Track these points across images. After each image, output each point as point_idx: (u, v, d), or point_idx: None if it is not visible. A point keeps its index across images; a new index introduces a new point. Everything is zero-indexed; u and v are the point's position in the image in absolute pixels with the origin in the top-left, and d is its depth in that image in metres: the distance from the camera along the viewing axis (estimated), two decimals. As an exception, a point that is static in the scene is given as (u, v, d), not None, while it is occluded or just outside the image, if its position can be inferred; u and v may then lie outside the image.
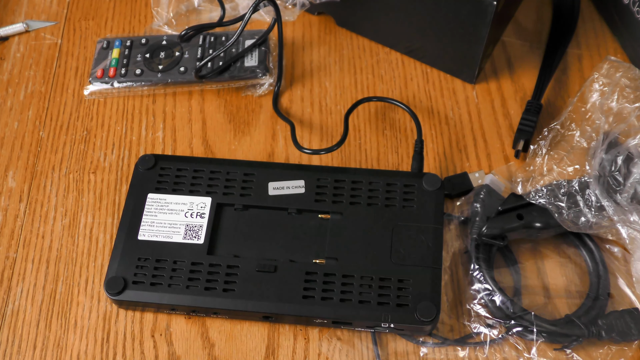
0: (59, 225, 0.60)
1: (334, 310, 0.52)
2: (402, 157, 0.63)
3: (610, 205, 0.54)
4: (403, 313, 0.51)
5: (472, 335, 0.53)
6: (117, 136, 0.65)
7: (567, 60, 0.68)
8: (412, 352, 0.53)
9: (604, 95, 0.60)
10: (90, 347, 0.54)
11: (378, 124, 0.65)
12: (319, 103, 0.67)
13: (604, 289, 0.54)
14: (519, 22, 0.71)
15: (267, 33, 0.68)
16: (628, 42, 0.67)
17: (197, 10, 0.73)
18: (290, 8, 0.70)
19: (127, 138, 0.65)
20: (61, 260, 0.58)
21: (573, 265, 0.56)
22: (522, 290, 0.55)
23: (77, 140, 0.65)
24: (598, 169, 0.56)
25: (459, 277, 0.56)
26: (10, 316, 0.56)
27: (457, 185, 0.59)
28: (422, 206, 0.56)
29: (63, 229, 0.60)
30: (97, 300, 0.56)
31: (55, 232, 0.60)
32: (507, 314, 0.52)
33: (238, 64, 0.67)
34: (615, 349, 0.51)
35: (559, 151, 0.59)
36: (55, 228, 0.60)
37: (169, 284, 0.53)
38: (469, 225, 0.57)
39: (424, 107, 0.66)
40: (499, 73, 0.68)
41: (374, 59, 0.70)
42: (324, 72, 0.69)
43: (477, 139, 0.64)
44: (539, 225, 0.55)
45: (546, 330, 0.51)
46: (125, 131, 0.65)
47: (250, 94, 0.67)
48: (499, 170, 0.60)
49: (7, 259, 0.58)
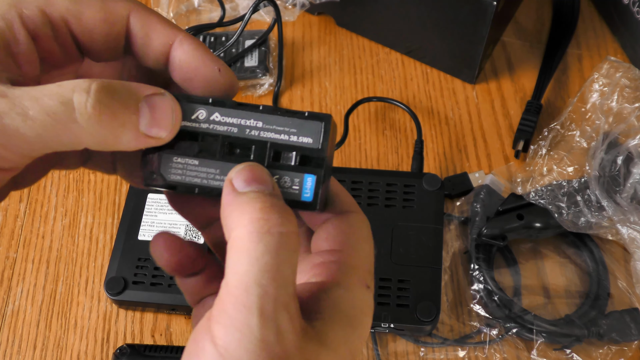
0: (59, 225, 0.60)
1: (334, 310, 0.52)
2: (402, 157, 0.63)
3: (610, 205, 0.54)
4: (403, 313, 0.51)
5: (472, 335, 0.53)
6: (117, 136, 0.65)
7: (567, 60, 0.68)
8: (412, 352, 0.53)
9: (604, 95, 0.60)
10: (90, 347, 0.54)
11: (378, 124, 0.65)
12: (319, 103, 0.67)
13: (604, 289, 0.54)
14: (519, 22, 0.71)
15: (267, 33, 0.68)
16: (628, 42, 0.67)
17: (197, 11, 0.73)
18: (290, 8, 0.70)
19: (127, 138, 0.65)
20: (61, 260, 0.58)
21: (573, 265, 0.56)
22: (522, 290, 0.55)
23: (77, 140, 0.65)
24: (598, 169, 0.56)
25: (459, 277, 0.56)
26: (10, 316, 0.56)
27: (457, 185, 0.59)
28: (422, 206, 0.56)
29: (63, 229, 0.60)
30: (97, 300, 0.56)
31: (55, 232, 0.60)
32: (507, 314, 0.52)
33: (238, 64, 0.67)
34: (615, 349, 0.51)
35: (559, 151, 0.59)
36: (55, 228, 0.60)
37: (169, 284, 0.53)
38: (469, 225, 0.57)
39: (424, 107, 0.66)
40: (499, 73, 0.68)
41: (374, 59, 0.70)
42: (324, 72, 0.69)
43: (477, 139, 0.64)
44: (539, 225, 0.55)
45: (546, 331, 0.51)
46: (126, 131, 0.65)
47: (250, 94, 0.67)
48: (499, 171, 0.60)
49: (7, 259, 0.58)
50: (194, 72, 0.30)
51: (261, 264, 0.25)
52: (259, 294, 0.24)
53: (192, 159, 0.29)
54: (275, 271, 0.25)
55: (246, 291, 0.24)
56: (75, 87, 0.26)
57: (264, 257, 0.25)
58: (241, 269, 0.25)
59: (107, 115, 0.26)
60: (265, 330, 0.24)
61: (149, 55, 0.30)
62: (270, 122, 0.29)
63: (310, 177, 0.29)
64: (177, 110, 0.28)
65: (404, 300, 0.52)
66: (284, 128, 0.29)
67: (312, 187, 0.29)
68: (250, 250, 0.25)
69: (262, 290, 0.24)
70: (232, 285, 0.25)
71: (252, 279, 0.25)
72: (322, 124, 0.29)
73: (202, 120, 0.29)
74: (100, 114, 0.26)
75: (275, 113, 0.29)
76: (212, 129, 0.29)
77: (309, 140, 0.29)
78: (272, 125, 0.29)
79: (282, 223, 0.26)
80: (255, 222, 0.25)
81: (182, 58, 0.29)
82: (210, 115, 0.29)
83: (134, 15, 0.29)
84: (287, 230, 0.26)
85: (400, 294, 0.52)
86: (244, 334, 0.24)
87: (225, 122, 0.29)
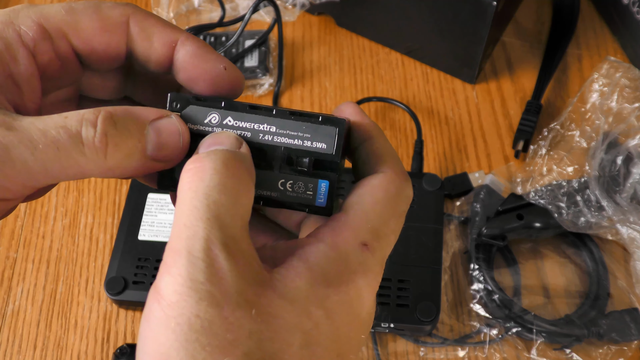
0: (59, 225, 0.60)
1: (334, 310, 0.52)
2: (402, 157, 0.63)
3: (610, 205, 0.54)
4: (403, 313, 0.51)
5: (472, 335, 0.53)
6: (118, 136, 0.65)
7: (567, 60, 0.68)
8: (412, 352, 0.53)
9: (604, 95, 0.60)
10: (90, 347, 0.54)
11: (378, 124, 0.65)
12: (319, 103, 0.67)
13: (603, 289, 0.54)
14: (519, 22, 0.71)
15: (267, 33, 0.68)
16: (628, 42, 0.67)
17: (197, 11, 0.73)
18: (290, 8, 0.70)
19: (128, 138, 0.65)
20: (61, 260, 0.58)
21: (573, 265, 0.56)
22: (522, 290, 0.55)
23: (77, 140, 0.65)
24: (598, 169, 0.56)
25: (459, 277, 0.56)
26: (10, 316, 0.56)
27: (457, 185, 0.59)
28: (422, 206, 0.56)
29: (63, 229, 0.60)
30: (98, 300, 0.56)
31: (55, 232, 0.60)
32: (507, 314, 0.52)
33: (238, 64, 0.67)
34: (615, 349, 0.51)
35: (559, 151, 0.59)
36: (55, 228, 0.60)
37: (169, 284, 0.53)
38: (469, 225, 0.57)
39: (424, 107, 0.66)
40: (499, 73, 0.68)
41: (374, 59, 0.70)
42: (324, 73, 0.69)
43: (477, 139, 0.64)
44: (539, 225, 0.55)
45: (546, 330, 0.51)
46: (126, 131, 0.65)
47: (250, 94, 0.67)
48: (499, 171, 0.60)
49: (8, 259, 0.58)
50: (198, 72, 0.29)
51: (190, 208, 0.24)
52: (187, 235, 0.24)
53: None
54: (204, 212, 0.24)
55: (177, 236, 0.24)
56: (83, 120, 0.25)
57: (192, 202, 0.24)
58: (175, 218, 0.25)
59: (113, 147, 0.26)
60: (193, 269, 0.23)
61: (152, 59, 0.30)
62: (283, 127, 0.29)
63: (324, 183, 0.29)
64: (185, 132, 0.28)
65: (404, 300, 0.52)
66: (298, 133, 0.29)
67: (325, 192, 0.29)
68: (183, 198, 0.25)
69: (190, 231, 0.24)
70: (170, 237, 0.25)
71: (182, 222, 0.24)
72: (336, 129, 0.28)
73: (215, 124, 0.29)
74: (106, 147, 0.25)
75: (289, 117, 0.29)
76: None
77: (322, 146, 0.28)
78: (285, 130, 0.29)
79: (215, 168, 0.25)
80: (189, 171, 0.25)
81: (186, 59, 0.29)
82: (223, 119, 0.29)
83: (133, 20, 0.29)
84: (220, 173, 0.25)
85: (400, 294, 0.52)
86: (173, 275, 0.23)
87: (239, 126, 0.29)
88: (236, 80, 0.30)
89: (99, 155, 0.25)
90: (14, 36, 0.27)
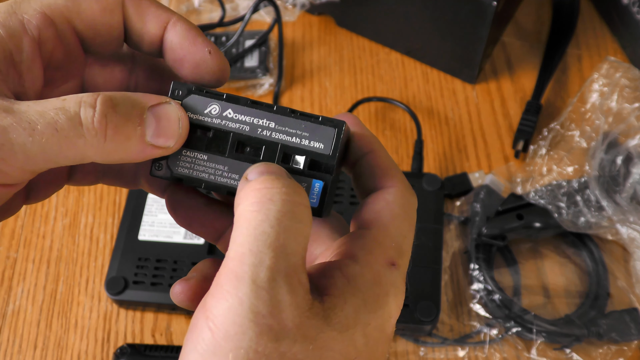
0: (60, 225, 0.60)
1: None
2: (402, 157, 0.63)
3: (609, 205, 0.54)
4: (403, 313, 0.51)
5: (472, 335, 0.53)
6: (118, 136, 0.65)
7: (566, 60, 0.68)
8: (412, 351, 0.53)
9: (604, 95, 0.60)
10: (90, 346, 0.54)
11: (378, 124, 0.65)
12: (319, 103, 0.67)
13: (603, 289, 0.54)
14: (519, 22, 0.71)
15: (267, 33, 0.69)
16: (628, 42, 0.67)
17: (197, 11, 0.73)
18: (290, 8, 0.70)
19: (128, 138, 0.65)
20: (62, 260, 0.58)
21: (573, 265, 0.56)
22: (522, 290, 0.55)
23: (77, 140, 0.65)
24: (598, 169, 0.56)
25: (459, 277, 0.56)
26: (11, 316, 0.56)
27: (457, 185, 0.59)
28: (422, 206, 0.56)
29: (63, 229, 0.60)
30: (98, 300, 0.56)
31: (55, 232, 0.60)
32: (507, 314, 0.52)
33: (238, 64, 0.67)
34: (614, 349, 0.51)
35: (559, 151, 0.59)
36: (55, 228, 0.60)
37: (169, 283, 0.53)
38: (469, 225, 0.57)
39: (424, 108, 0.66)
40: (498, 73, 0.68)
41: (374, 59, 0.70)
42: (324, 73, 0.69)
43: (477, 139, 0.64)
44: (539, 225, 0.55)
45: (546, 330, 0.51)
46: (126, 131, 0.65)
47: (250, 94, 0.67)
48: (499, 171, 0.61)
49: (8, 259, 0.58)
50: (184, 53, 0.29)
51: (258, 232, 0.24)
52: (252, 262, 0.23)
53: (201, 153, 0.29)
54: (274, 240, 0.23)
55: (240, 260, 0.23)
56: (82, 102, 0.25)
57: (262, 225, 0.24)
58: (239, 240, 0.24)
59: (112, 130, 0.25)
60: (257, 301, 0.23)
61: (145, 40, 0.30)
62: (283, 124, 0.29)
63: (318, 183, 0.28)
64: (184, 118, 0.28)
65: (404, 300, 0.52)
66: (297, 131, 0.29)
67: (319, 193, 0.28)
68: (250, 220, 0.24)
69: (256, 258, 0.23)
70: (229, 257, 0.24)
71: (247, 247, 0.23)
72: (334, 130, 0.29)
73: (215, 116, 0.29)
74: (105, 129, 0.25)
75: (289, 115, 0.29)
76: (224, 125, 0.29)
77: (320, 146, 0.29)
78: (284, 127, 0.29)
79: (287, 192, 0.25)
80: (258, 191, 0.25)
81: (174, 39, 0.29)
82: (223, 111, 0.29)
83: (128, 1, 0.29)
84: (291, 199, 0.24)
85: (400, 294, 0.52)
86: (231, 304, 0.23)
87: (238, 119, 0.29)
88: (220, 67, 0.30)
89: (98, 138, 0.25)
90: (17, 25, 0.27)
